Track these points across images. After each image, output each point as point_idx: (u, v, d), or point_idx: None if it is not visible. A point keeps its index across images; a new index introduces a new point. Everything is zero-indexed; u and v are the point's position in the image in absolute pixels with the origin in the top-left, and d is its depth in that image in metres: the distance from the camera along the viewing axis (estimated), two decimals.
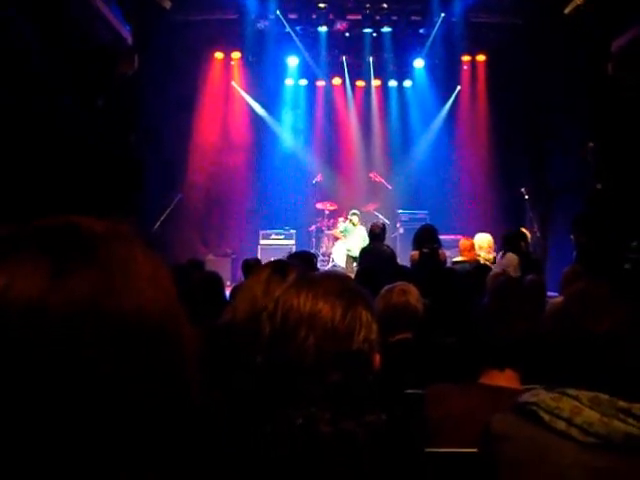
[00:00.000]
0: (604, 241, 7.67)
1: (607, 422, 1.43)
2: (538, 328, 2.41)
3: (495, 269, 6.52)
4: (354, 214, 11.70)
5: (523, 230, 8.61)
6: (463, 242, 8.05)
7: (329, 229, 13.24)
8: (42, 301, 0.66)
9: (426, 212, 13.01)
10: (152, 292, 0.72)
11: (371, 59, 14.00)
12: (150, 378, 0.70)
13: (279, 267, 2.21)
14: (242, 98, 14.16)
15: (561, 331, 1.57)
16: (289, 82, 14.41)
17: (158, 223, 10.95)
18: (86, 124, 8.73)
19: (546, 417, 1.51)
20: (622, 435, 1.42)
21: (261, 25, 12.97)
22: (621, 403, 1.44)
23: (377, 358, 1.44)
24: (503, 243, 7.68)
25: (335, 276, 1.53)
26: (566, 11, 9.92)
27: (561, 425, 1.48)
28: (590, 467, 1.45)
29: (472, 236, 8.36)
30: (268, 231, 13.13)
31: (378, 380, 1.44)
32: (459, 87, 14.23)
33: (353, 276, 5.78)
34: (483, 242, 8.05)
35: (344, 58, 14.10)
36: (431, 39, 13.26)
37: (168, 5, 10.82)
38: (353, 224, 11.55)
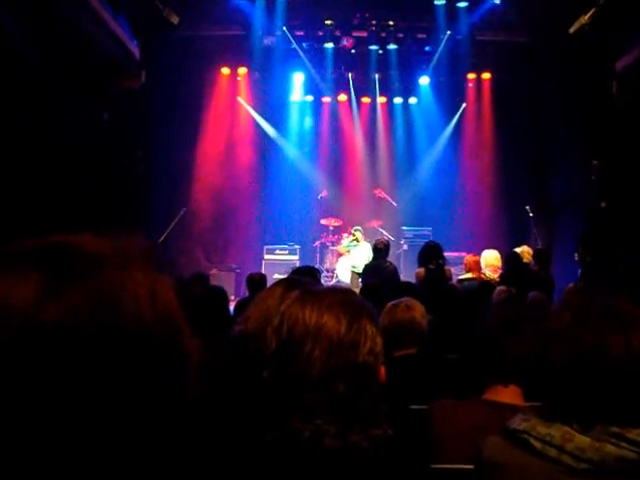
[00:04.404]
0: (609, 260, 7.66)
1: (599, 447, 1.41)
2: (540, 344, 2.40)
3: None
4: (357, 230, 11.70)
5: (525, 248, 8.60)
6: (468, 259, 8.02)
7: (333, 245, 13.24)
8: (35, 314, 0.67)
9: (430, 229, 13.01)
10: (150, 308, 0.72)
11: (377, 76, 14.06)
12: (147, 388, 0.70)
13: (294, 284, 2.22)
14: (248, 113, 14.22)
15: (561, 348, 1.54)
16: (295, 98, 14.47)
17: (163, 237, 10.96)
18: (92, 138, 8.77)
19: (537, 445, 1.48)
20: (615, 459, 1.40)
21: (268, 41, 13.05)
22: (613, 428, 1.42)
23: (382, 371, 1.44)
24: None
25: (339, 290, 1.54)
26: (571, 30, 9.96)
27: (553, 452, 1.45)
28: None
29: (476, 253, 8.33)
30: (272, 246, 13.14)
31: (383, 394, 1.44)
32: (464, 104, 14.28)
33: (358, 292, 5.78)
34: (490, 259, 8.01)
35: (350, 75, 14.17)
36: (437, 56, 13.31)
37: (176, 20, 10.89)
38: (357, 240, 11.54)
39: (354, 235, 11.69)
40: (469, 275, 7.71)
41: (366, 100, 14.66)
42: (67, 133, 7.98)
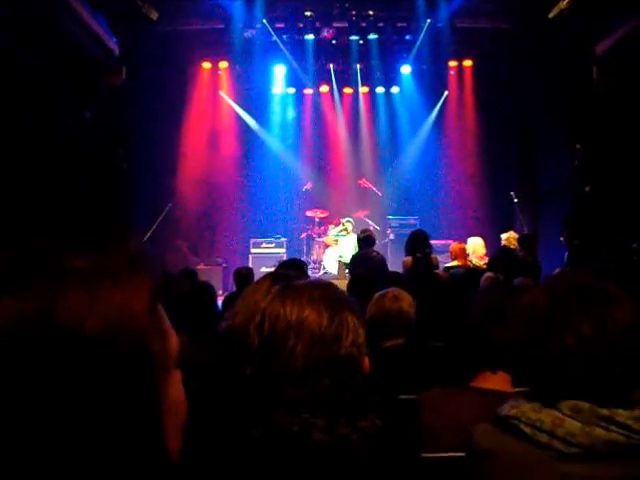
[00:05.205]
0: (594, 243, 7.71)
1: (589, 431, 1.41)
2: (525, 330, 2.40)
3: None
4: (348, 221, 11.73)
5: (511, 234, 8.64)
6: (454, 246, 8.06)
7: (320, 236, 13.25)
8: None
9: (416, 218, 13.04)
10: (96, 321, 0.69)
11: (358, 66, 14.04)
12: (90, 390, 0.69)
13: (279, 278, 2.21)
14: (230, 107, 14.18)
15: (552, 336, 1.53)
16: (277, 90, 14.43)
17: (149, 233, 10.92)
18: (74, 136, 8.70)
19: (527, 430, 1.48)
20: (605, 443, 1.40)
21: (248, 34, 12.98)
22: (602, 411, 1.42)
23: (366, 362, 1.44)
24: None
25: (318, 283, 1.54)
26: (550, 15, 9.98)
27: (543, 438, 1.45)
28: (575, 478, 1.43)
29: (462, 241, 8.37)
30: (259, 239, 13.12)
31: (370, 385, 1.44)
32: (446, 92, 14.29)
33: (346, 282, 5.78)
34: (475, 246, 8.06)
35: (331, 66, 14.14)
36: (417, 45, 13.28)
37: (155, 16, 10.80)
38: (346, 230, 11.56)
39: (344, 225, 11.72)
40: (455, 263, 7.75)
41: (348, 91, 14.65)
42: (48, 132, 7.92)
